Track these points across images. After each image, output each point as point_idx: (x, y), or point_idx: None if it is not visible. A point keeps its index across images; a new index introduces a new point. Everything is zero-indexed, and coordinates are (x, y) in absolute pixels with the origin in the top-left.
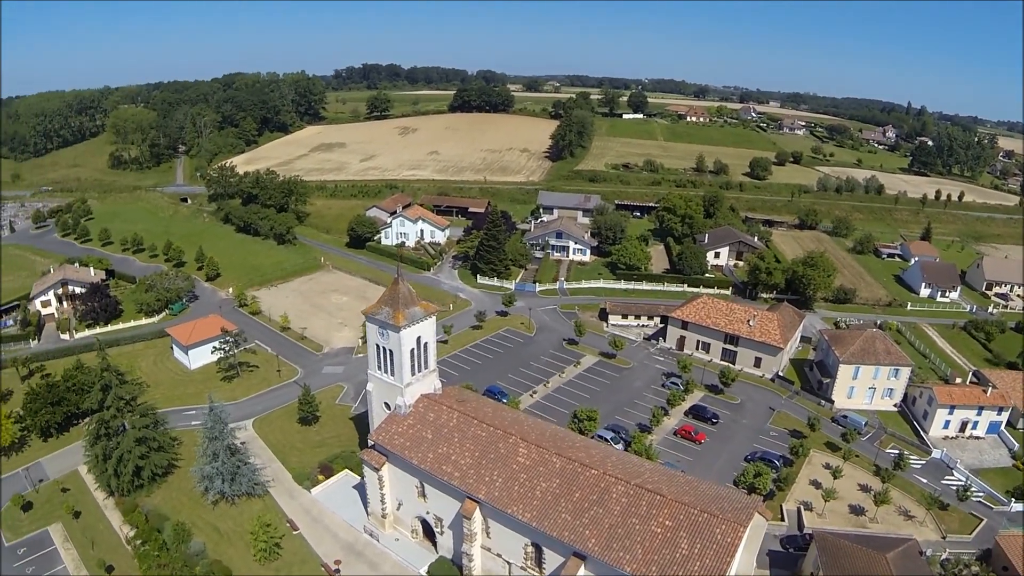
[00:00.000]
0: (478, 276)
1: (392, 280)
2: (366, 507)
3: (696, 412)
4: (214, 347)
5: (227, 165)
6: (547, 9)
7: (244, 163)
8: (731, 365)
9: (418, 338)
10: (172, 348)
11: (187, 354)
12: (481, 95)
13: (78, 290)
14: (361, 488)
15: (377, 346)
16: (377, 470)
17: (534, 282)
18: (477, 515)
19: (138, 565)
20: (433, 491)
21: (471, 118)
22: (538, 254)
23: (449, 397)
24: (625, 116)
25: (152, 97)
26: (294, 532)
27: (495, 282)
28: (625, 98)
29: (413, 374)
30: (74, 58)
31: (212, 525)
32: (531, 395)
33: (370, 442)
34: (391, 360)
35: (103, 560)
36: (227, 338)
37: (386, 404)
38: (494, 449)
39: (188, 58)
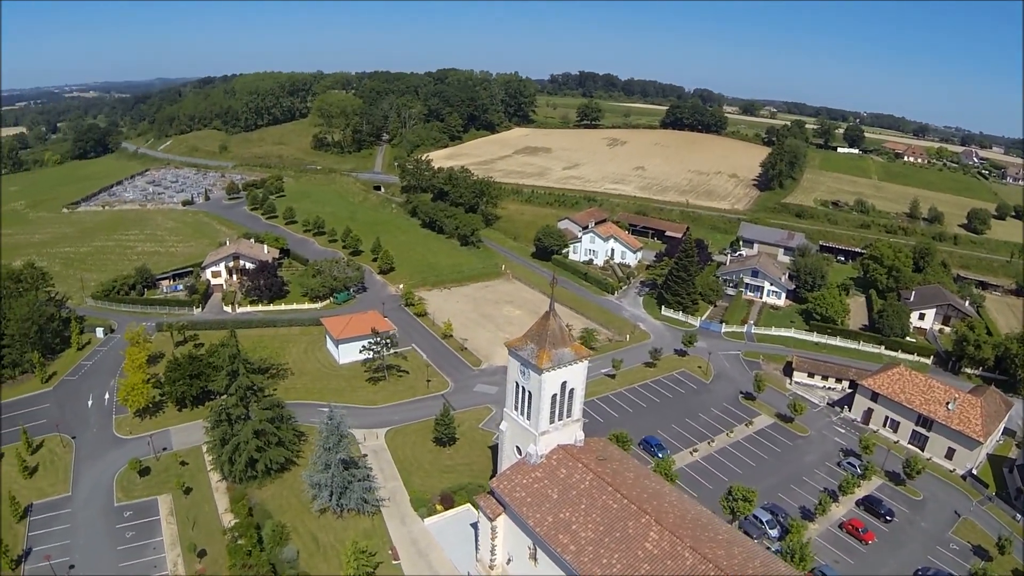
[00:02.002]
0: (663, 307)
1: (545, 312)
2: (477, 551)
3: (870, 504)
4: (363, 346)
5: (424, 158)
6: (774, 33)
7: (446, 158)
8: (920, 452)
9: (563, 383)
10: (326, 338)
11: (337, 348)
12: (694, 113)
13: (248, 265)
14: (478, 528)
15: (517, 384)
16: (491, 520)
17: (721, 322)
18: None
19: (227, 557)
20: (545, 558)
21: (681, 136)
22: (730, 291)
23: (589, 452)
24: (840, 150)
25: (361, 85)
26: (393, 562)
27: (680, 316)
28: (841, 130)
29: (551, 422)
30: (290, 44)
31: (312, 534)
32: (691, 452)
33: (491, 487)
34: (529, 402)
35: (198, 543)
36: (378, 339)
37: (517, 448)
38: (622, 527)
39: (401, 51)
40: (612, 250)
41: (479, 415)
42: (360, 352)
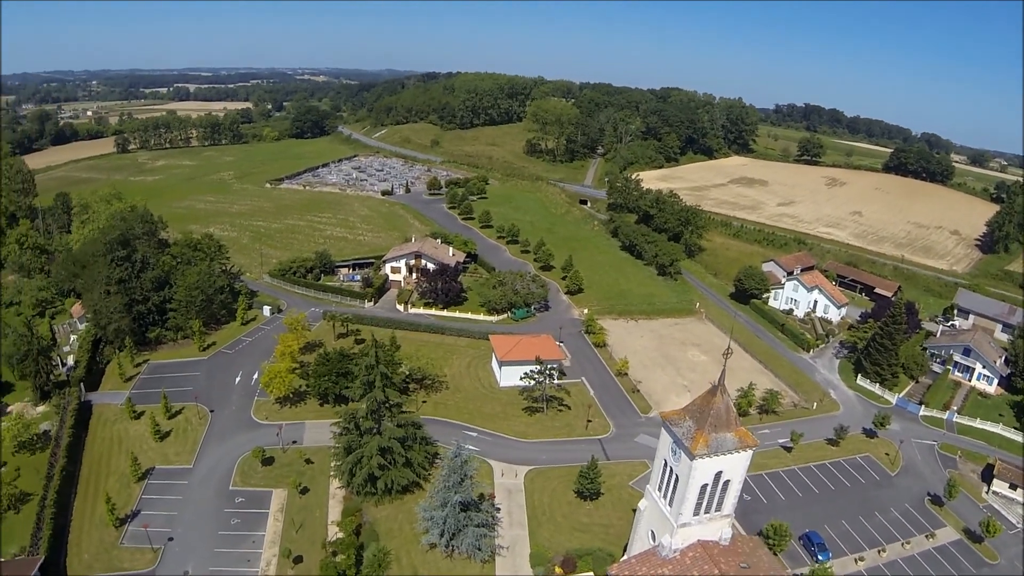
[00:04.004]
0: (859, 375)
1: (710, 387)
2: None
3: None
4: (524, 373)
5: (634, 177)
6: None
7: (658, 179)
8: None
9: (717, 473)
10: (492, 356)
11: (499, 369)
12: (920, 159)
13: (430, 266)
14: None
15: (665, 462)
16: None
17: (920, 403)
18: None
19: (319, 571)
20: None
21: (903, 183)
22: (936, 367)
23: (733, 555)
24: None
25: (581, 95)
26: None
27: (876, 388)
28: None
29: (695, 514)
30: (511, 47)
31: (415, 568)
32: (856, 560)
33: (609, 572)
34: (675, 487)
35: (297, 548)
36: (541, 369)
37: (652, 533)
38: None
39: (625, 64)
40: (815, 302)
41: (633, 470)
42: (521, 378)
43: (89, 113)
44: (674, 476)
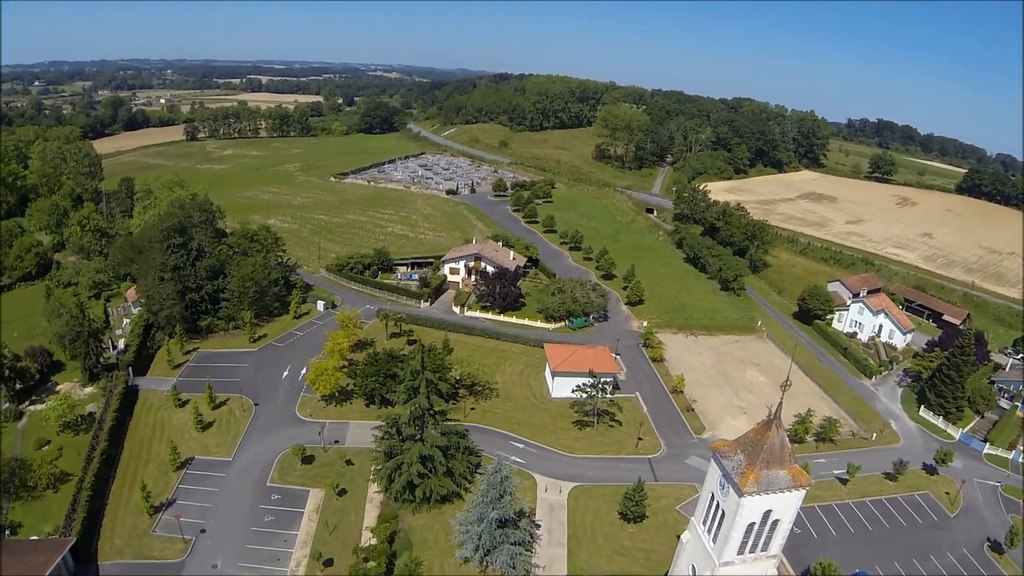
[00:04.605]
0: (921, 406)
1: (765, 420)
2: None
3: None
4: (577, 385)
5: (702, 188)
6: None
7: (726, 191)
8: None
9: (766, 512)
10: (546, 365)
11: (552, 379)
12: (995, 181)
13: (489, 269)
14: None
15: (712, 496)
16: None
17: (985, 440)
18: None
19: None
20: None
21: (977, 206)
22: (1003, 403)
23: None
24: None
25: (652, 102)
26: None
27: (939, 422)
28: None
29: (739, 552)
30: (584, 51)
31: None
32: None
33: None
34: (720, 523)
35: (328, 551)
36: (593, 383)
37: (693, 568)
38: None
39: (697, 73)
40: (880, 326)
41: (681, 493)
42: (573, 391)
43: (162, 101)
44: (720, 511)
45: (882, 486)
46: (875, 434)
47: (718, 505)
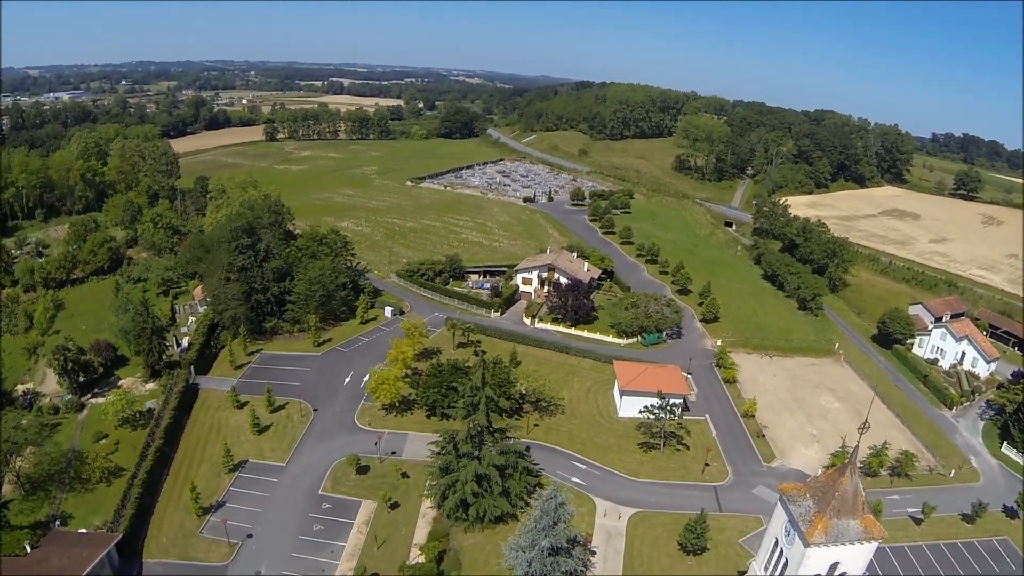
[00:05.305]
0: (1004, 442)
1: (837, 464)
2: None
3: None
4: (643, 407)
5: (782, 202)
6: None
7: (806, 206)
8: None
9: (833, 564)
10: (615, 383)
11: (620, 398)
12: None
13: (562, 280)
14: None
15: (776, 541)
16: None
17: None
18: None
19: None
20: None
21: None
22: None
23: None
24: None
25: (733, 113)
26: None
27: (1023, 460)
28: None
29: None
30: (665, 60)
31: None
32: None
33: None
34: (783, 570)
35: (374, 566)
36: (661, 405)
37: None
38: None
39: (779, 84)
40: (963, 354)
41: (745, 526)
42: (640, 411)
43: (244, 101)
44: (784, 559)
45: (958, 528)
46: (953, 470)
47: (782, 552)
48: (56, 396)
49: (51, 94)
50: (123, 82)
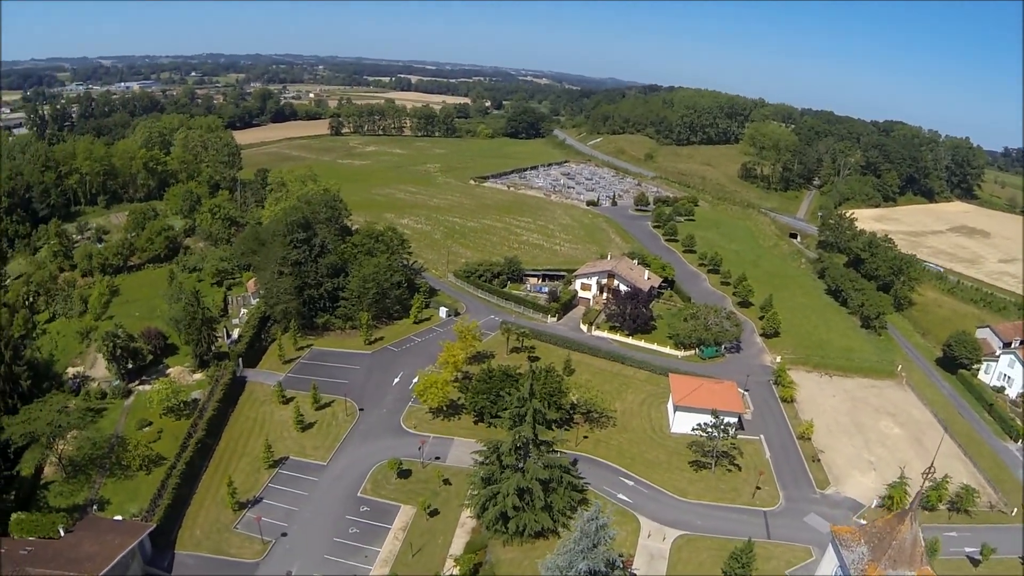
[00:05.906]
0: None
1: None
2: None
3: None
4: (696, 424)
5: (848, 215)
6: None
7: (872, 219)
8: None
9: None
10: (669, 397)
11: (673, 413)
12: None
13: (622, 288)
14: None
15: None
16: None
17: None
18: None
19: None
20: None
21: None
22: None
23: None
24: None
25: (801, 121)
26: None
27: None
28: None
29: None
30: (733, 66)
31: None
32: None
33: None
34: None
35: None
36: (715, 423)
37: None
38: None
39: (846, 93)
40: None
41: (794, 556)
42: (693, 429)
43: (311, 95)
44: None
45: (1018, 572)
46: (1016, 509)
47: None
48: (104, 381)
49: (122, 84)
50: (192, 73)
